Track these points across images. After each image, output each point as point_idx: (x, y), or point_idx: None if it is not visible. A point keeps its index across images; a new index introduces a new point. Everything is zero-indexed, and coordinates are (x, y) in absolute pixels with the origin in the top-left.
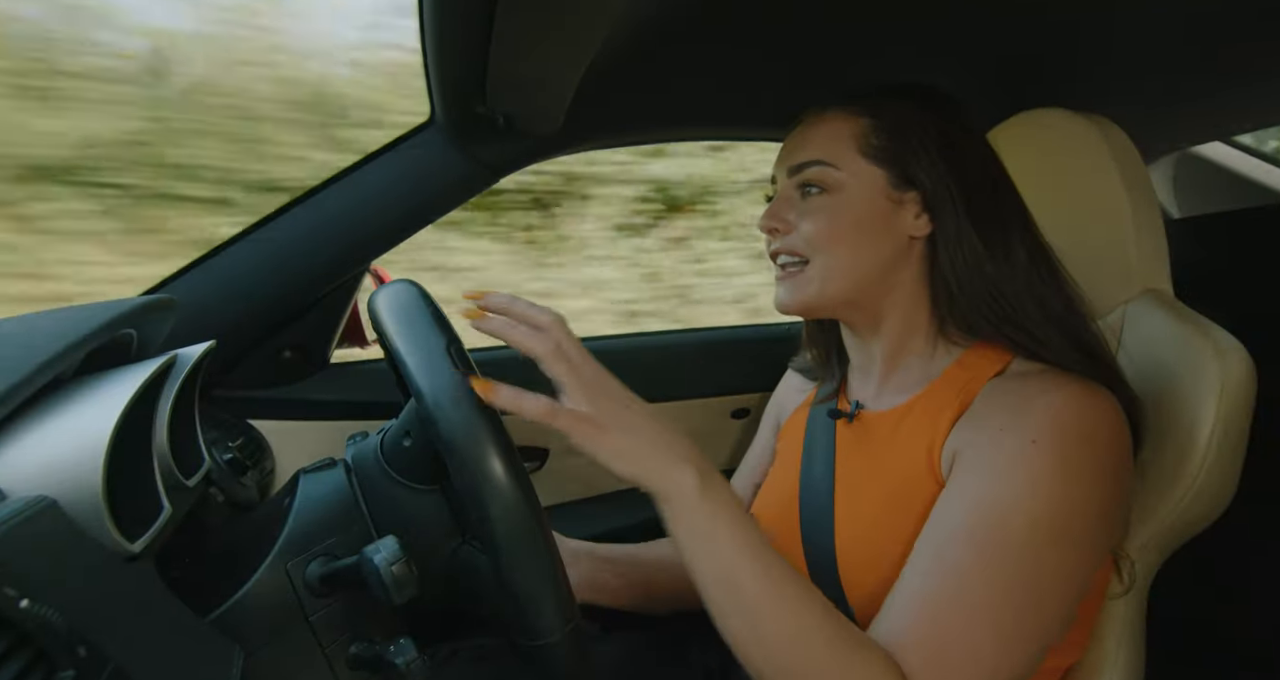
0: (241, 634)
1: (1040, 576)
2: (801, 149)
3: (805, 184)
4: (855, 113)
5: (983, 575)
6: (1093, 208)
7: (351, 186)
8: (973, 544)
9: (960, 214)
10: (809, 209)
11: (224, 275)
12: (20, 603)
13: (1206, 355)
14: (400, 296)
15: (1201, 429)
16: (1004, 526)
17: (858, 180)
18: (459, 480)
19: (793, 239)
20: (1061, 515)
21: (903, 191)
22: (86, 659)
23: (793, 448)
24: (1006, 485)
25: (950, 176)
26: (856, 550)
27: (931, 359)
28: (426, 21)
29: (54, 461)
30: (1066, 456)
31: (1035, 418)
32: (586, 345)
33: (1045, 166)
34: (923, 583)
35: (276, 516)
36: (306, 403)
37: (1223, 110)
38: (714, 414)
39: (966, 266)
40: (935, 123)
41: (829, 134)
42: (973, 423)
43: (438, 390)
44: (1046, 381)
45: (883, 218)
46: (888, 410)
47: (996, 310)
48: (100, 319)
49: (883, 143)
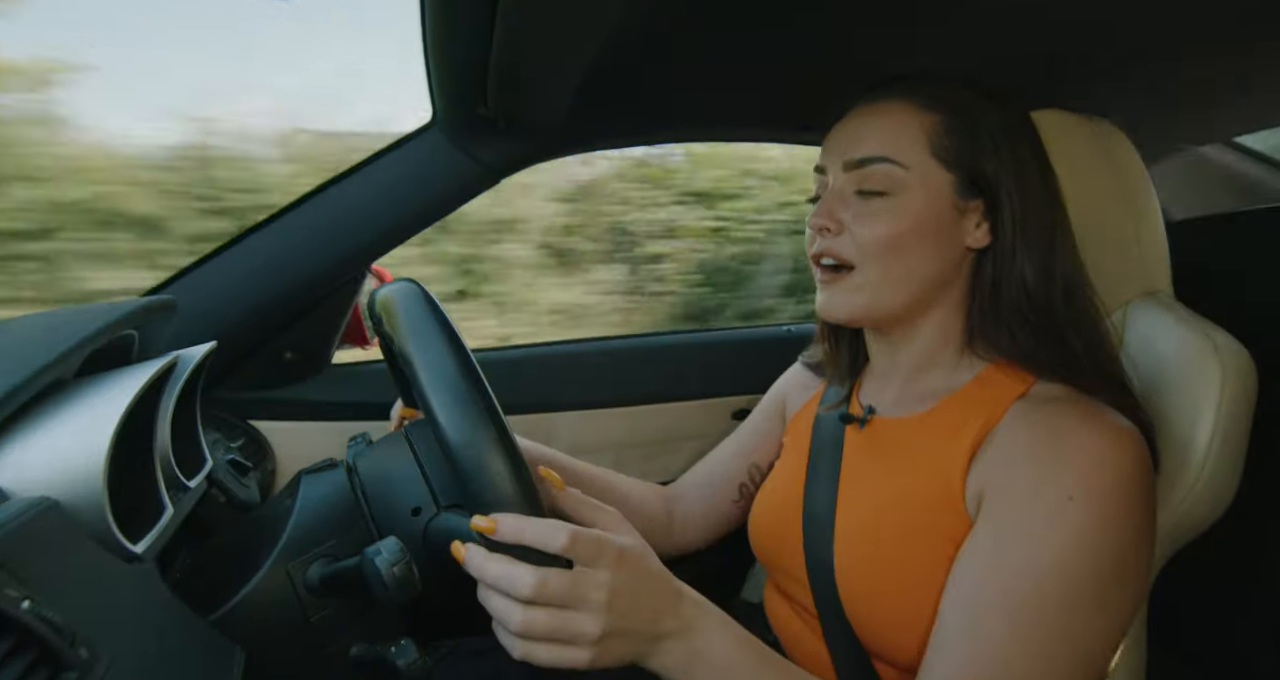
0: (243, 635)
1: (1079, 637)
2: (862, 141)
3: (866, 182)
4: (922, 105)
5: (1022, 648)
6: (1093, 209)
7: (352, 187)
8: (1005, 612)
9: (1018, 226)
10: (868, 212)
11: (225, 276)
12: (22, 603)
13: (1207, 356)
14: (434, 354)
15: (1202, 430)
16: (1039, 591)
17: (925, 183)
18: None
19: (844, 242)
20: (1102, 573)
21: (968, 199)
22: (88, 659)
23: (799, 448)
24: (1044, 548)
25: (1016, 187)
26: (855, 555)
27: (954, 371)
28: (427, 22)
29: (56, 463)
30: (1105, 513)
31: (1070, 469)
32: (586, 347)
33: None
34: (960, 662)
35: (278, 517)
36: (307, 403)
37: (1223, 111)
38: (714, 414)
39: (1010, 281)
40: (1004, 122)
41: (895, 127)
42: (1002, 458)
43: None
44: (1076, 416)
45: (946, 227)
46: (903, 418)
47: (1033, 329)
48: (101, 320)
49: (955, 144)
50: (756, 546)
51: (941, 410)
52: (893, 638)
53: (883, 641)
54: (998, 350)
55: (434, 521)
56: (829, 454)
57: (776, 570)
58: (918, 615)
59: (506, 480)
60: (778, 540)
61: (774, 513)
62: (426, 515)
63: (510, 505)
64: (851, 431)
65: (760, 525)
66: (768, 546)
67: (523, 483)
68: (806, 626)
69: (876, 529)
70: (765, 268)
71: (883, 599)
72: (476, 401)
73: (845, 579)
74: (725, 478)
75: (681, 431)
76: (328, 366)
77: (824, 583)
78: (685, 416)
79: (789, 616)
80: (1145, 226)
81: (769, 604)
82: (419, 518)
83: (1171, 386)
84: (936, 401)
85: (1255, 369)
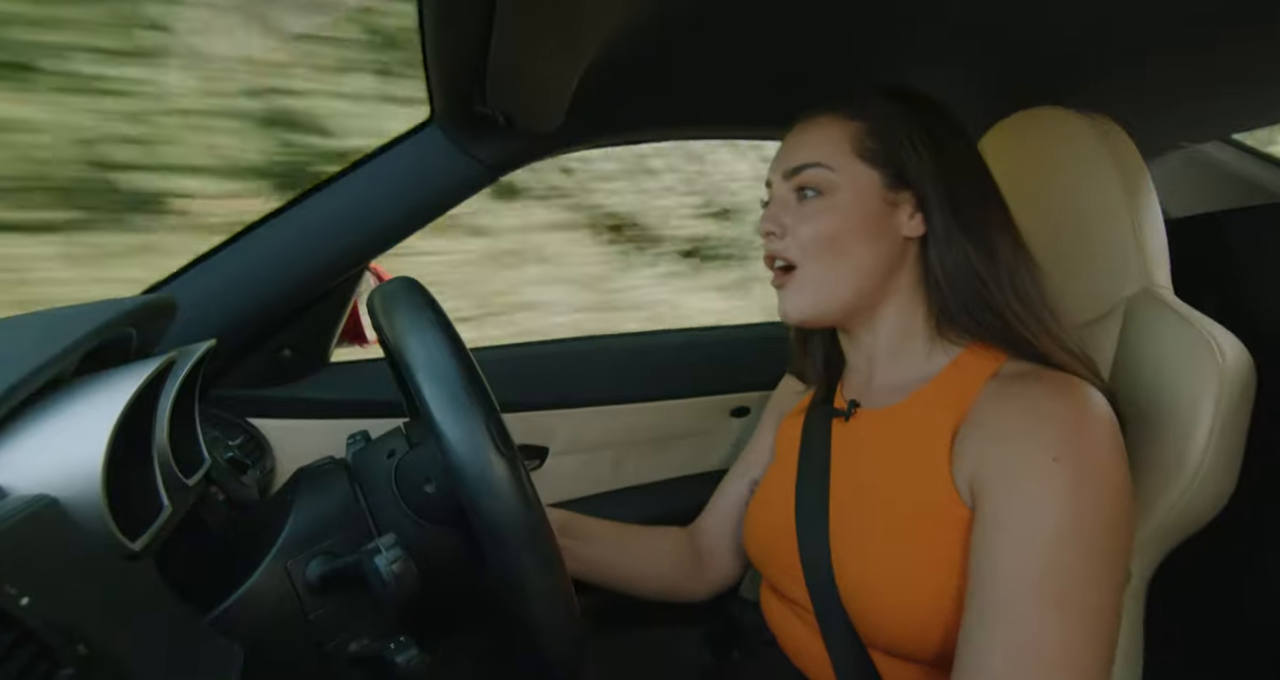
0: (241, 632)
1: (1103, 597)
2: (796, 152)
3: (801, 187)
4: (847, 116)
5: (1058, 620)
6: (1093, 207)
7: (350, 186)
8: (1030, 586)
9: (949, 213)
10: (806, 213)
11: (223, 274)
12: (21, 601)
13: (1206, 354)
14: (427, 338)
15: (1200, 427)
16: (1054, 558)
17: (853, 182)
18: (498, 571)
19: (788, 243)
20: (1098, 524)
21: (897, 192)
22: (86, 657)
23: (789, 448)
24: (1045, 514)
25: (940, 177)
26: (850, 545)
27: (928, 358)
28: (426, 20)
29: (55, 460)
30: (1090, 466)
31: (1049, 432)
32: (586, 345)
33: (1045, 166)
34: (999, 646)
35: (277, 515)
36: (306, 402)
37: (1223, 109)
38: (714, 413)
39: (956, 265)
40: (924, 124)
41: (823, 137)
42: (983, 436)
43: (482, 477)
44: (1044, 384)
45: (879, 219)
46: (884, 408)
47: (987, 309)
48: (100, 318)
49: (876, 145)
50: (751, 548)
51: (919, 397)
52: (893, 626)
53: (883, 631)
54: (967, 333)
55: (405, 457)
56: (818, 451)
57: (772, 569)
58: (917, 600)
59: (505, 482)
60: (772, 539)
61: (767, 512)
62: (400, 454)
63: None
64: (838, 426)
65: (754, 525)
66: (762, 546)
67: (521, 484)
68: (802, 622)
69: (870, 519)
70: None
71: (881, 587)
72: (473, 401)
73: (842, 570)
74: (737, 504)
75: (680, 429)
76: (326, 365)
77: (820, 577)
78: (684, 414)
79: (785, 614)
80: (1144, 223)
81: (765, 604)
82: (391, 459)
83: (1170, 383)
84: (914, 390)
85: (1254, 366)
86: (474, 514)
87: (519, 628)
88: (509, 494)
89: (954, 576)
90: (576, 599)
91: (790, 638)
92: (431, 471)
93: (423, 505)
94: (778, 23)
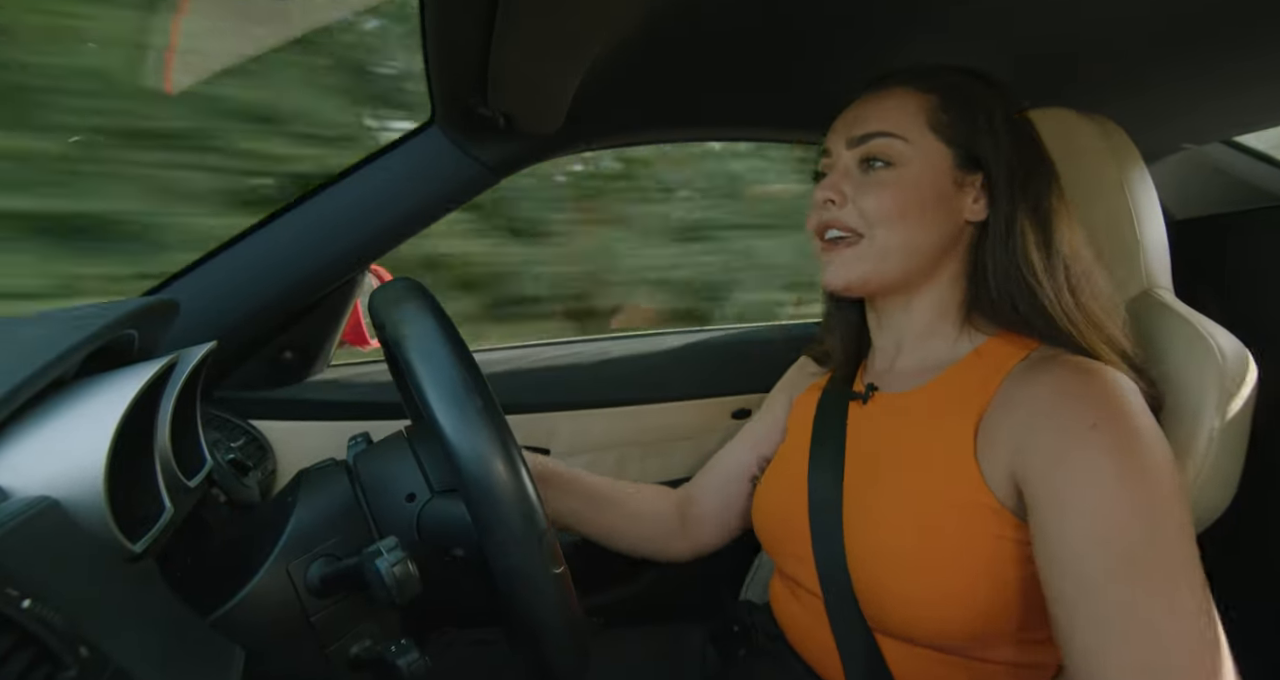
0: (243, 634)
1: (1185, 562)
2: (865, 120)
3: (869, 157)
4: (923, 88)
5: (1163, 602)
6: (1094, 208)
7: (352, 187)
8: (1123, 565)
9: (1016, 202)
10: (871, 183)
11: (225, 276)
12: (22, 603)
13: (1207, 355)
14: (437, 360)
15: (1202, 428)
16: (1133, 535)
17: (925, 156)
18: (500, 573)
19: (848, 212)
20: (1154, 487)
21: (966, 173)
22: (88, 659)
23: (802, 427)
24: (1101, 487)
25: (1014, 162)
26: (864, 532)
27: (954, 344)
28: (427, 22)
29: (56, 462)
30: (1129, 429)
31: (1083, 404)
32: (586, 346)
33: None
34: (1118, 638)
35: (278, 517)
36: (308, 403)
37: (1223, 111)
38: (714, 414)
39: (1010, 256)
40: (1001, 106)
41: (896, 106)
42: (1018, 423)
43: (489, 491)
44: (1074, 364)
45: (945, 198)
46: (905, 392)
47: (1033, 302)
48: (102, 320)
49: (952, 120)
50: (761, 529)
51: (943, 381)
52: (905, 608)
53: (894, 615)
54: (999, 321)
55: (428, 507)
56: (834, 433)
57: (781, 553)
58: (931, 584)
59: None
60: (783, 520)
61: (779, 493)
62: (421, 501)
63: (511, 505)
64: (855, 409)
65: (765, 506)
66: (773, 528)
67: (522, 483)
68: (810, 612)
69: (885, 503)
70: None
71: (895, 572)
72: (477, 402)
73: (855, 554)
74: (736, 474)
75: (682, 431)
76: (328, 366)
77: (831, 560)
78: (685, 416)
79: (794, 605)
80: (1145, 226)
81: (775, 597)
82: (413, 504)
83: (1172, 384)
84: (939, 374)
85: (1255, 367)
86: (482, 533)
87: (522, 635)
88: (514, 507)
89: (969, 561)
90: (585, 624)
91: (799, 631)
92: (460, 538)
93: (447, 564)
94: (776, 26)
